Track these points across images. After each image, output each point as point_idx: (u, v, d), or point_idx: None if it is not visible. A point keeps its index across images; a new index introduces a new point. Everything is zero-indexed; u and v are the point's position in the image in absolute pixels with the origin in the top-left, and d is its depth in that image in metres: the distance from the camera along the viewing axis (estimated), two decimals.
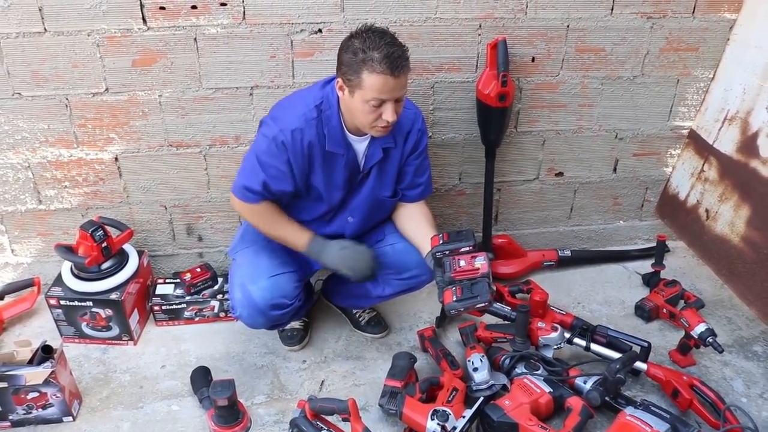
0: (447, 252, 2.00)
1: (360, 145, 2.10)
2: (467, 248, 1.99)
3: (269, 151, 2.02)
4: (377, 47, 1.83)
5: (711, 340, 2.30)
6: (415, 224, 2.23)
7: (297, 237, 2.18)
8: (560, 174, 2.88)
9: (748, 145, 2.56)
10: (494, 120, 2.52)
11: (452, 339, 2.53)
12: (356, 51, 1.85)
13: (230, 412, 2.06)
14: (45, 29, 2.19)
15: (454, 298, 1.93)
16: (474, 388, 2.18)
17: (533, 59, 2.55)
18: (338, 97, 2.00)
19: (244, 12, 2.26)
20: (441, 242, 2.02)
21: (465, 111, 2.61)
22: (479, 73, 2.50)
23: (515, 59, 2.51)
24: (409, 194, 2.27)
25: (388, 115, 1.91)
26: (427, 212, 2.28)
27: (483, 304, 1.93)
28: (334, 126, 2.03)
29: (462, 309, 1.93)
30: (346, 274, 2.16)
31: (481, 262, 1.96)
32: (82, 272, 2.39)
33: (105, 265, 2.40)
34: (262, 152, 2.03)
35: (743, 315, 2.68)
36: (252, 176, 2.06)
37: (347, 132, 2.06)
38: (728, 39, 2.64)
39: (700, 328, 2.33)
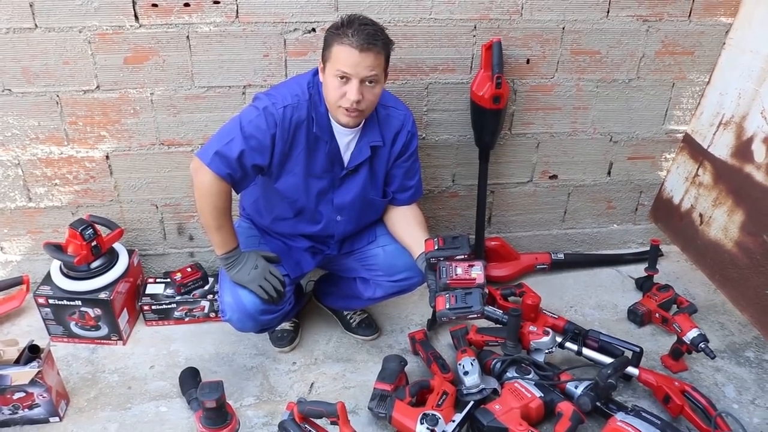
0: (442, 258, 1.98)
1: (344, 138, 2.07)
2: (462, 255, 1.96)
3: (257, 122, 1.96)
4: (353, 24, 1.86)
5: (703, 346, 2.29)
6: (407, 226, 2.21)
7: (225, 239, 2.06)
8: (554, 177, 2.87)
9: (743, 150, 2.55)
10: (488, 122, 2.50)
11: (443, 342, 2.52)
12: (334, 28, 1.89)
13: (218, 413, 2.04)
14: (36, 25, 2.17)
15: (447, 306, 1.90)
16: (464, 391, 2.16)
17: (528, 61, 2.54)
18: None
19: (237, 10, 2.24)
20: (436, 247, 1.99)
21: (459, 112, 2.59)
22: (474, 75, 2.49)
23: (510, 61, 2.50)
24: (400, 197, 2.25)
25: (351, 93, 1.88)
26: (418, 215, 2.26)
27: (475, 316, 1.91)
28: (321, 113, 2.02)
29: (453, 317, 1.91)
30: (257, 293, 2.09)
31: (477, 272, 1.93)
32: (71, 271, 2.37)
33: (94, 264, 2.38)
34: (249, 122, 1.96)
35: (736, 320, 2.67)
36: (230, 143, 1.94)
37: (333, 121, 2.04)
38: (724, 43, 2.63)
39: (692, 334, 2.32)
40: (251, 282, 2.08)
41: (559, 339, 2.35)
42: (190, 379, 2.23)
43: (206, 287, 2.58)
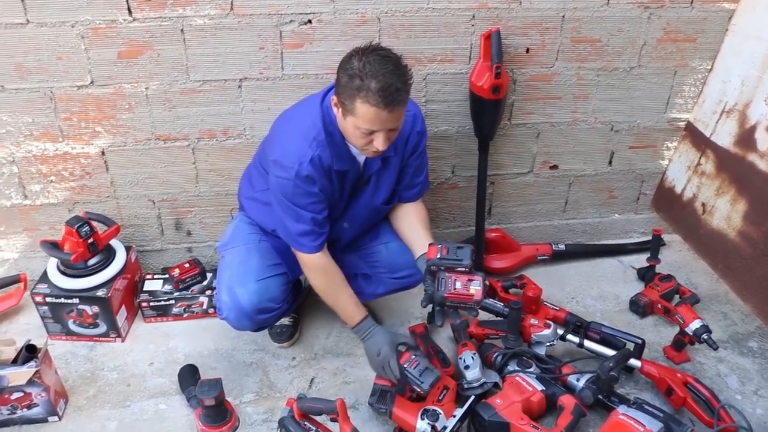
0: (443, 267, 1.95)
1: (362, 156, 2.04)
2: (463, 268, 1.93)
3: (299, 191, 1.94)
4: (375, 76, 1.73)
5: (706, 337, 2.28)
6: (410, 225, 2.21)
7: (352, 312, 2.14)
8: (555, 167, 2.84)
9: (746, 138, 2.52)
10: (488, 112, 2.47)
11: (444, 335, 2.49)
12: (353, 75, 1.75)
13: (218, 411, 2.03)
14: (27, 20, 2.13)
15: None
16: (465, 386, 2.15)
17: (528, 50, 2.50)
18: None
19: (231, 2, 2.21)
20: (439, 255, 1.95)
21: (458, 103, 2.56)
22: (473, 65, 2.45)
23: (509, 50, 2.46)
24: (407, 194, 2.23)
25: (379, 144, 1.84)
26: (422, 212, 2.25)
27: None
28: (339, 141, 1.96)
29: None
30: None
31: (476, 287, 1.91)
32: (68, 269, 2.35)
33: (91, 262, 2.36)
34: (294, 195, 1.95)
35: (739, 310, 2.65)
36: (299, 221, 1.98)
37: (350, 145, 1.99)
38: (727, 29, 2.59)
39: (694, 325, 2.30)
40: (372, 365, 2.16)
41: (560, 331, 2.34)
42: (189, 376, 2.22)
43: (204, 283, 2.57)
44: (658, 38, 2.57)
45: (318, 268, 2.10)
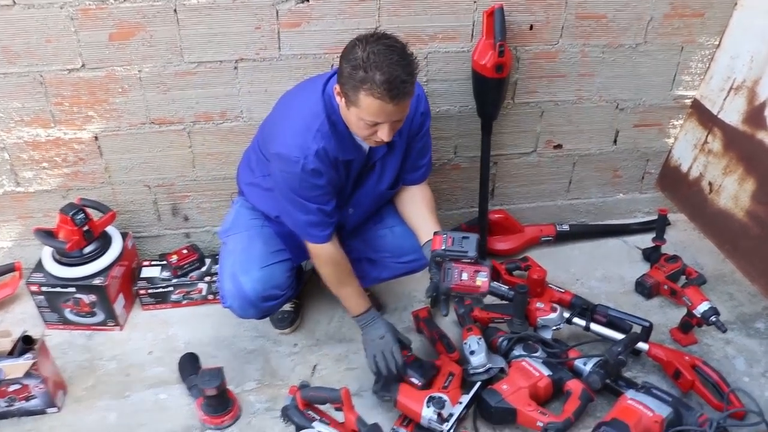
0: (448, 258, 1.91)
1: (366, 144, 1.99)
2: (468, 260, 1.89)
3: (306, 185, 1.89)
4: (380, 67, 1.66)
5: (714, 320, 2.25)
6: (415, 209, 2.16)
7: (355, 303, 2.12)
8: (559, 146, 2.79)
9: (755, 115, 2.47)
10: (491, 91, 2.41)
11: (448, 320, 2.44)
12: (357, 66, 1.68)
13: (219, 401, 2.01)
14: (14, 2, 2.05)
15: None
16: (471, 371, 2.12)
17: (531, 27, 2.43)
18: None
19: None
20: (443, 246, 1.90)
21: (460, 82, 2.49)
22: (475, 43, 2.39)
23: (512, 27, 2.39)
24: (411, 177, 2.18)
25: (384, 135, 1.79)
26: (427, 195, 2.20)
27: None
28: (343, 131, 1.91)
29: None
30: (368, 363, 2.09)
31: (482, 279, 1.87)
32: (63, 257, 2.30)
33: (87, 250, 2.31)
34: (300, 189, 1.89)
35: (745, 291, 2.62)
36: (307, 213, 1.94)
37: (354, 133, 1.93)
38: (735, 4, 2.51)
39: (702, 307, 2.27)
40: (369, 349, 2.08)
41: (566, 315, 2.30)
42: (189, 365, 2.19)
43: (203, 269, 2.52)
44: (665, 13, 2.50)
45: (327, 258, 2.06)
